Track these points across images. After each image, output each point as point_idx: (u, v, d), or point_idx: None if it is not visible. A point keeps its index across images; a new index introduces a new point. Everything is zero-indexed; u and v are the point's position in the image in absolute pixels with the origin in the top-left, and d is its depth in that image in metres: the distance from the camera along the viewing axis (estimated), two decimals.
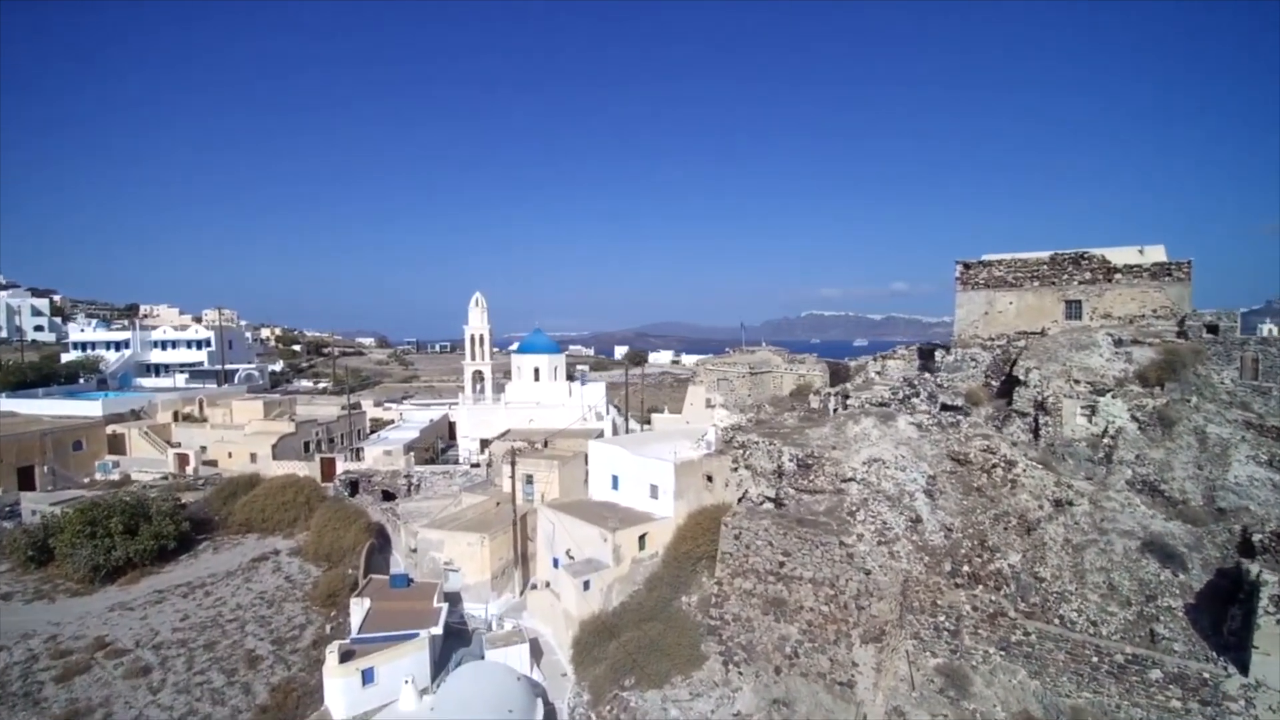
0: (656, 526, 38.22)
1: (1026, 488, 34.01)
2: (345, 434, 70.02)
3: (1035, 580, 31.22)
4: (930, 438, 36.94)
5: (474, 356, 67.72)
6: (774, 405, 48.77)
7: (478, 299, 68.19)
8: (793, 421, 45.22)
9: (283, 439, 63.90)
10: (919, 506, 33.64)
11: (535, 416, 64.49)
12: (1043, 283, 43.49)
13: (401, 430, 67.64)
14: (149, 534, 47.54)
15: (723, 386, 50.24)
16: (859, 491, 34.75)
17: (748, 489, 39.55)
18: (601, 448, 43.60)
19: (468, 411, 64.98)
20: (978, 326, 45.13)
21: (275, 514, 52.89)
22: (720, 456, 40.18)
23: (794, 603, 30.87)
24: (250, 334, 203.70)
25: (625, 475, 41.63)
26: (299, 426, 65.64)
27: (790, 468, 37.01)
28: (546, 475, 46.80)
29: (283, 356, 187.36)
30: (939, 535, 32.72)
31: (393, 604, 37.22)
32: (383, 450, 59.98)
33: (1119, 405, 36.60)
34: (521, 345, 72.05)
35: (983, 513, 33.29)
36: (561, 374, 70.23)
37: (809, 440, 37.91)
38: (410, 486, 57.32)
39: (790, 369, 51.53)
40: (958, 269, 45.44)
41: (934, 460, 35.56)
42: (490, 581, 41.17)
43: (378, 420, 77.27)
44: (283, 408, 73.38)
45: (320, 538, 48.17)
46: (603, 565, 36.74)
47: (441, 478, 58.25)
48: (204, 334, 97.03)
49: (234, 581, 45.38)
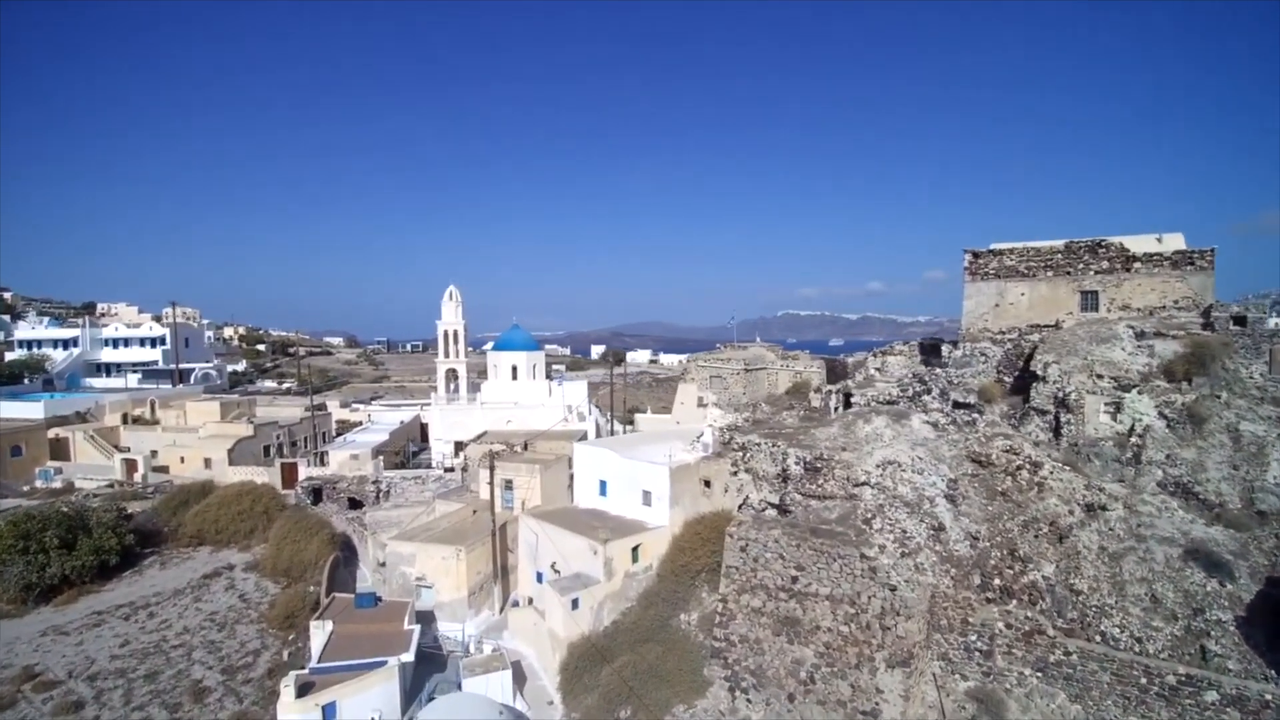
0: (651, 537, 34.93)
1: (1055, 491, 31.37)
2: (309, 437, 65.61)
3: (1071, 593, 28.55)
4: (948, 438, 34.17)
5: (448, 353, 63.80)
6: (770, 404, 45.79)
7: (452, 292, 64.31)
8: (793, 421, 42.24)
9: (240, 443, 59.38)
10: (940, 513, 30.78)
11: (513, 417, 60.83)
12: (1057, 273, 41.05)
13: (370, 433, 63.45)
14: (88, 548, 43.10)
15: (715, 384, 47.16)
16: (873, 497, 31.79)
17: (749, 494, 36.46)
18: (588, 451, 40.18)
19: (441, 412, 61.06)
20: (987, 319, 42.57)
21: (230, 525, 48.58)
22: (719, 459, 37.02)
23: (809, 622, 27.77)
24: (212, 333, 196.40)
25: (615, 480, 38.27)
26: (258, 429, 61.12)
27: (796, 471, 33.97)
28: (528, 481, 43.25)
29: (246, 356, 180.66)
30: (964, 544, 29.88)
31: (358, 627, 33.42)
32: (349, 454, 55.86)
33: (1145, 402, 34.18)
34: (498, 342, 68.28)
35: (1010, 519, 30.55)
36: (541, 372, 66.66)
37: (816, 441, 34.91)
38: (379, 493, 53.31)
39: (786, 366, 48.64)
40: (966, 258, 42.85)
41: (953, 462, 32.77)
42: (467, 598, 37.52)
43: (344, 422, 72.86)
44: (241, 409, 68.67)
45: (279, 551, 44.04)
46: (592, 580, 33.33)
47: (413, 484, 54.32)
48: (158, 331, 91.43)
49: (182, 601, 41.14)
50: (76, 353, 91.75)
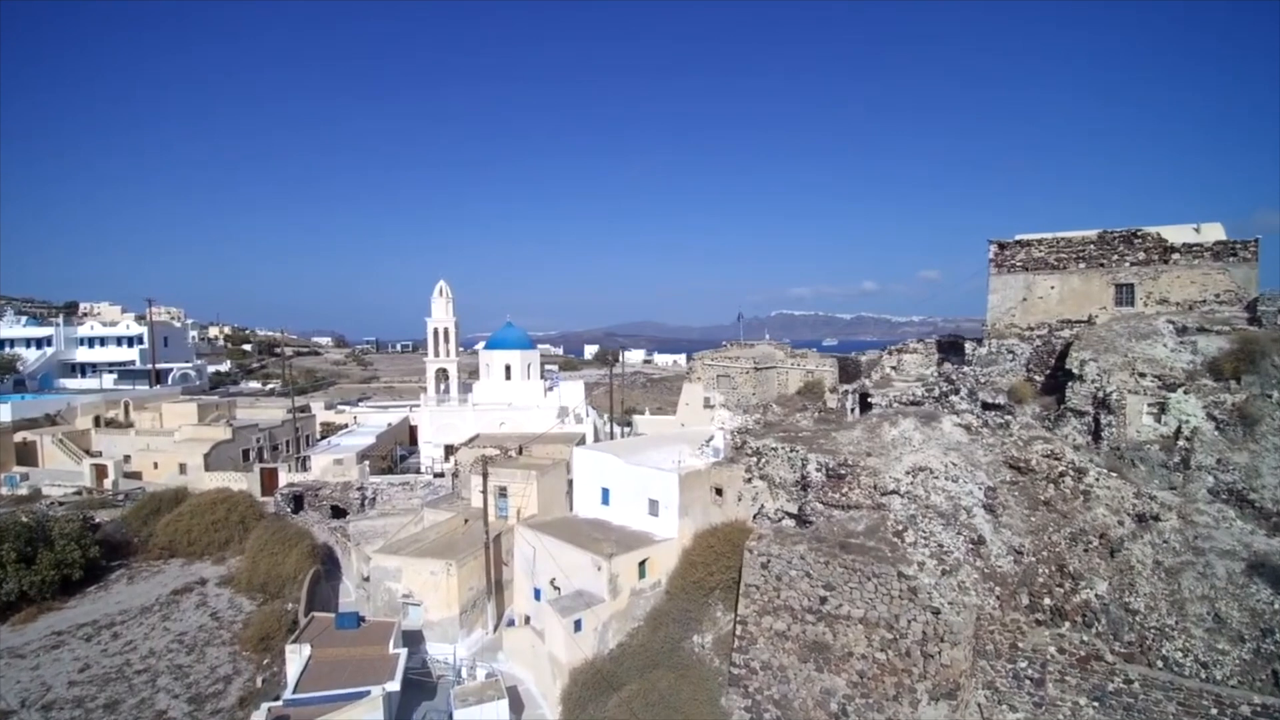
0: (659, 550, 32.10)
1: (1102, 500, 28.74)
2: (291, 440, 62.40)
3: (1127, 613, 25.91)
4: (982, 441, 31.49)
5: (438, 352, 60.69)
6: (782, 405, 43.09)
7: (442, 288, 61.21)
8: (808, 424, 39.51)
9: (217, 447, 56.17)
10: (979, 524, 28.11)
11: (507, 419, 57.83)
12: (1089, 264, 38.49)
13: (355, 436, 60.32)
14: (49, 562, 39.96)
15: (723, 384, 44.42)
16: (904, 506, 29.10)
17: (764, 503, 33.69)
18: (589, 456, 37.29)
19: (431, 414, 58.01)
20: (1014, 314, 39.96)
21: (203, 535, 45.42)
22: (731, 466, 34.24)
23: (840, 648, 25.01)
24: (196, 333, 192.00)
25: (618, 488, 35.42)
26: (237, 432, 57.89)
27: (817, 478, 31.21)
28: (523, 488, 40.34)
29: (232, 356, 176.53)
30: (1008, 559, 27.21)
31: (339, 651, 30.42)
32: (332, 459, 52.76)
33: (1192, 402, 31.60)
34: (491, 340, 65.23)
35: (1056, 531, 27.89)
36: (535, 372, 63.68)
37: (838, 446, 32.18)
38: (364, 501, 50.22)
39: (796, 365, 45.95)
40: (991, 249, 40.24)
41: (990, 468, 30.10)
42: (458, 617, 34.57)
43: (329, 424, 69.63)
44: (220, 411, 65.38)
45: (255, 564, 40.95)
46: (596, 599, 30.45)
47: (400, 490, 51.26)
48: (135, 330, 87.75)
49: (149, 620, 38.01)
50: (50, 352, 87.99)
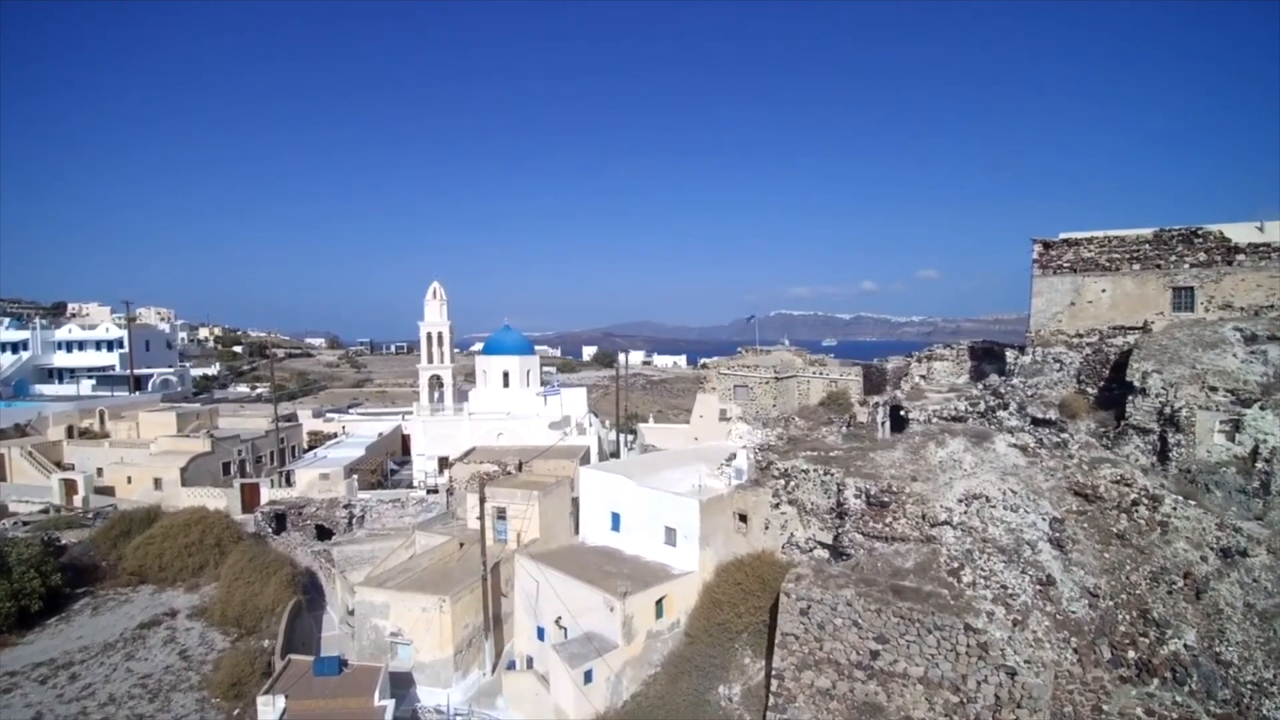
0: (677, 586, 28.66)
1: (1181, 533, 25.42)
2: (276, 451, 58.74)
3: (1219, 666, 22.57)
4: (1041, 464, 28.13)
5: (431, 358, 57.14)
6: (804, 417, 39.73)
7: (436, 289, 57.66)
8: (836, 440, 36.12)
9: (195, 460, 52.49)
10: (1047, 562, 24.75)
11: (505, 430, 54.37)
12: (1144, 265, 35.16)
13: (343, 447, 56.73)
14: (4, 593, 36.38)
15: (740, 394, 41.07)
16: (958, 540, 25.74)
17: (793, 532, 30.31)
18: (597, 477, 33.83)
19: (424, 424, 54.48)
20: (1061, 320, 36.62)
21: (176, 560, 41.76)
22: (756, 489, 30.82)
23: (896, 711, 21.63)
24: (185, 334, 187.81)
25: (630, 514, 31.99)
26: (217, 444, 54.22)
27: (856, 506, 27.80)
28: (524, 509, 36.85)
29: (222, 358, 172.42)
30: (1082, 604, 23.86)
31: (318, 703, 26.88)
32: (318, 474, 49.18)
33: (1270, 419, 28.28)
34: (488, 345, 61.75)
35: (1133, 569, 24.55)
36: (535, 378, 60.18)
37: (878, 469, 28.79)
38: (351, 519, 46.69)
39: (819, 373, 42.59)
40: (1035, 249, 36.90)
41: (1053, 496, 26.73)
42: (453, 658, 31.06)
43: (317, 434, 65.93)
44: (201, 420, 61.67)
45: (230, 595, 37.36)
46: (608, 643, 26.99)
47: (391, 507, 47.73)
48: (115, 333, 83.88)
49: (111, 658, 34.39)
50: (25, 357, 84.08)
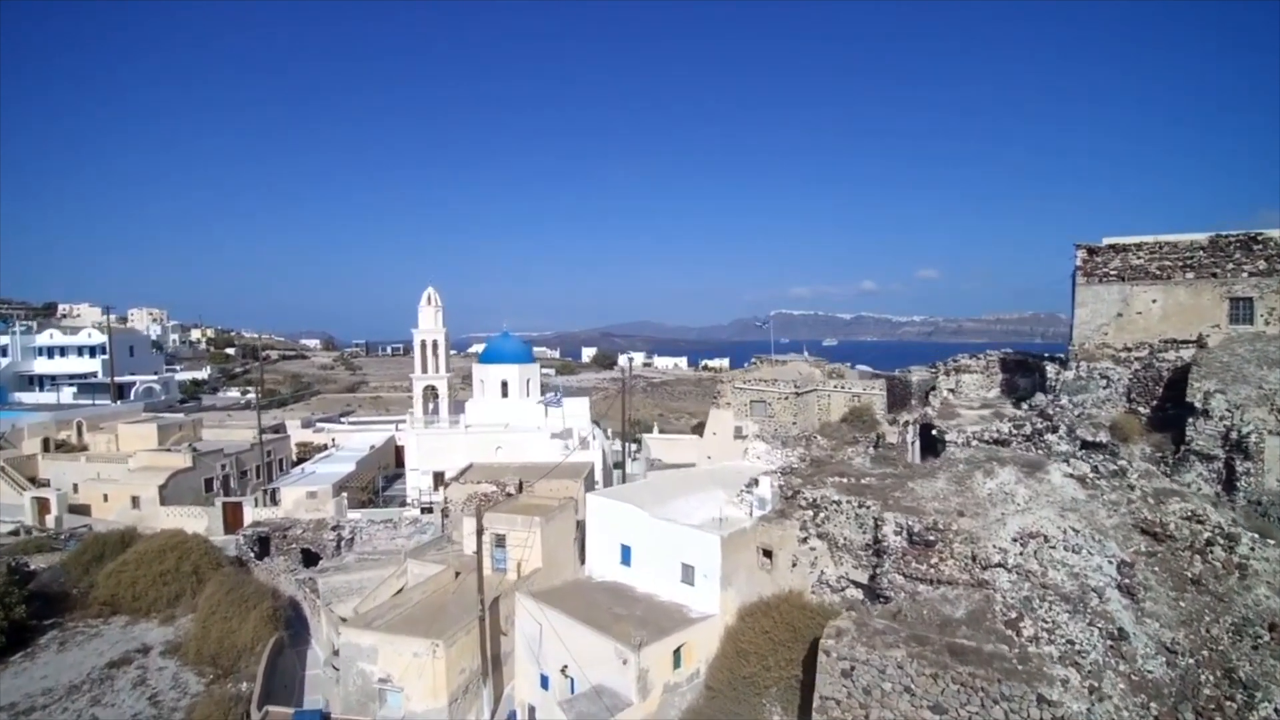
0: (697, 632, 25.84)
1: (1262, 577, 22.67)
2: (262, 465, 55.84)
3: None
4: (1102, 498, 25.32)
5: (426, 367, 54.20)
6: (827, 436, 36.95)
7: (430, 295, 54.73)
8: (863, 462, 33.33)
9: (175, 477, 49.57)
10: (1116, 612, 21.96)
11: (504, 443, 51.45)
12: (1198, 274, 32.39)
13: (333, 461, 53.80)
14: None
15: (757, 410, 38.27)
16: (1014, 585, 22.96)
17: (824, 569, 27.49)
18: (605, 506, 30.96)
19: (418, 437, 51.55)
20: (1107, 332, 33.84)
21: (150, 589, 38.81)
22: (782, 522, 27.99)
23: None
24: (177, 335, 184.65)
25: (643, 547, 29.15)
26: (198, 459, 51.28)
27: (897, 544, 25.00)
28: (524, 536, 34.07)
29: (214, 360, 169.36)
30: (1158, 662, 21.05)
31: None
32: (305, 491, 46.31)
33: None
34: (486, 352, 58.80)
35: (1213, 621, 21.75)
36: (535, 387, 57.27)
37: (920, 501, 25.98)
38: (340, 542, 43.83)
39: (840, 387, 39.77)
40: (1078, 256, 34.12)
41: (1118, 535, 23.94)
42: (447, 707, 28.22)
43: (306, 445, 62.97)
44: (184, 432, 58.70)
45: (206, 631, 34.45)
46: (620, 700, 24.16)
47: (383, 528, 44.89)
48: (97, 339, 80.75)
49: (76, 703, 31.49)
50: (5, 363, 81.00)
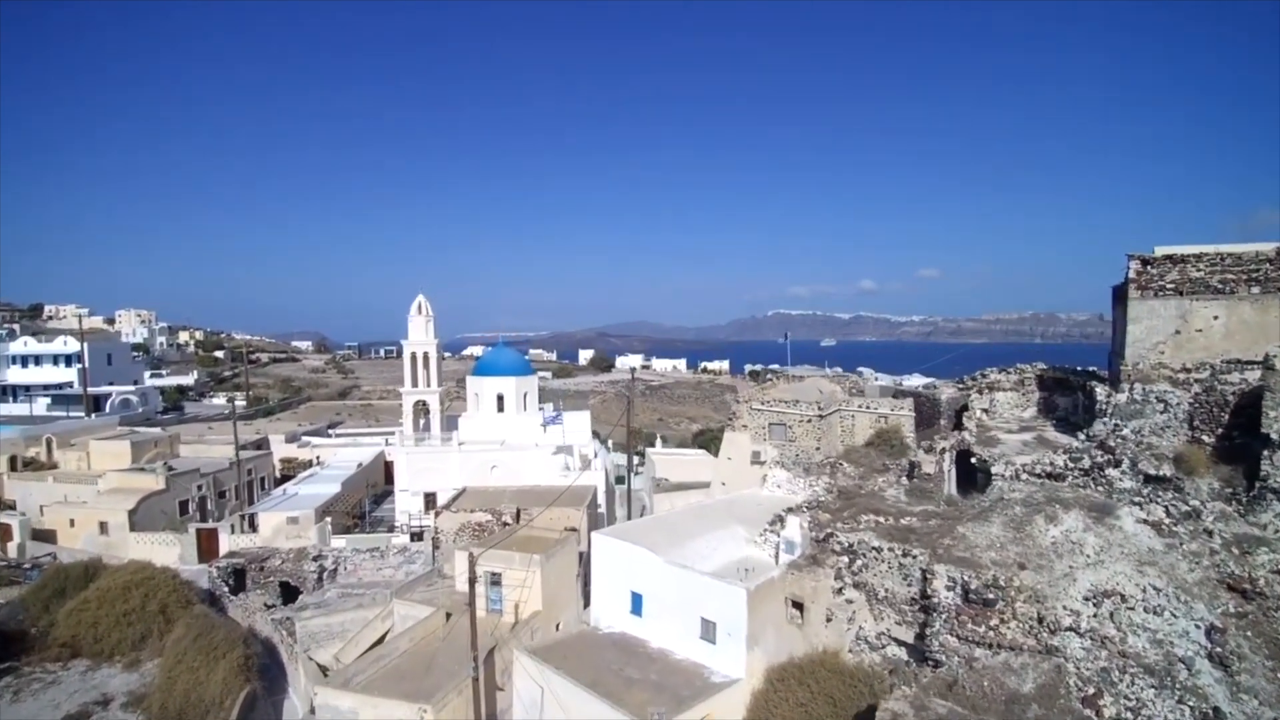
0: (722, 701, 22.75)
1: None
2: (241, 485, 52.54)
3: None
4: (1182, 548, 22.32)
5: (416, 381, 50.96)
6: (852, 461, 33.90)
7: (421, 304, 51.50)
8: (897, 494, 30.28)
9: (147, 500, 46.31)
10: (1208, 687, 18.94)
11: (499, 462, 48.33)
12: (1265, 288, 29.38)
13: (317, 481, 50.49)
14: None
15: (776, 434, 35.23)
16: (1088, 654, 19.92)
17: (862, 624, 24.44)
18: (614, 548, 27.80)
19: (408, 456, 48.35)
20: (1163, 351, 30.83)
21: (113, 630, 35.57)
22: (814, 570, 24.91)
23: None
24: (165, 338, 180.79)
25: (656, 597, 26.06)
26: (172, 481, 47.95)
27: (949, 600, 21.95)
28: (523, 577, 31.02)
29: (202, 364, 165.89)
30: None
31: None
32: (285, 517, 43.10)
33: None
34: (480, 364, 55.69)
35: None
36: (533, 401, 54.13)
37: (973, 549, 22.92)
38: (322, 573, 40.61)
39: (866, 408, 36.68)
40: (1132, 267, 31.09)
41: (1204, 593, 20.95)
42: None
43: (290, 461, 59.74)
44: (159, 449, 55.27)
45: (171, 681, 31.17)
46: None
47: (369, 557, 41.69)
48: (73, 347, 77.04)
49: None
50: None
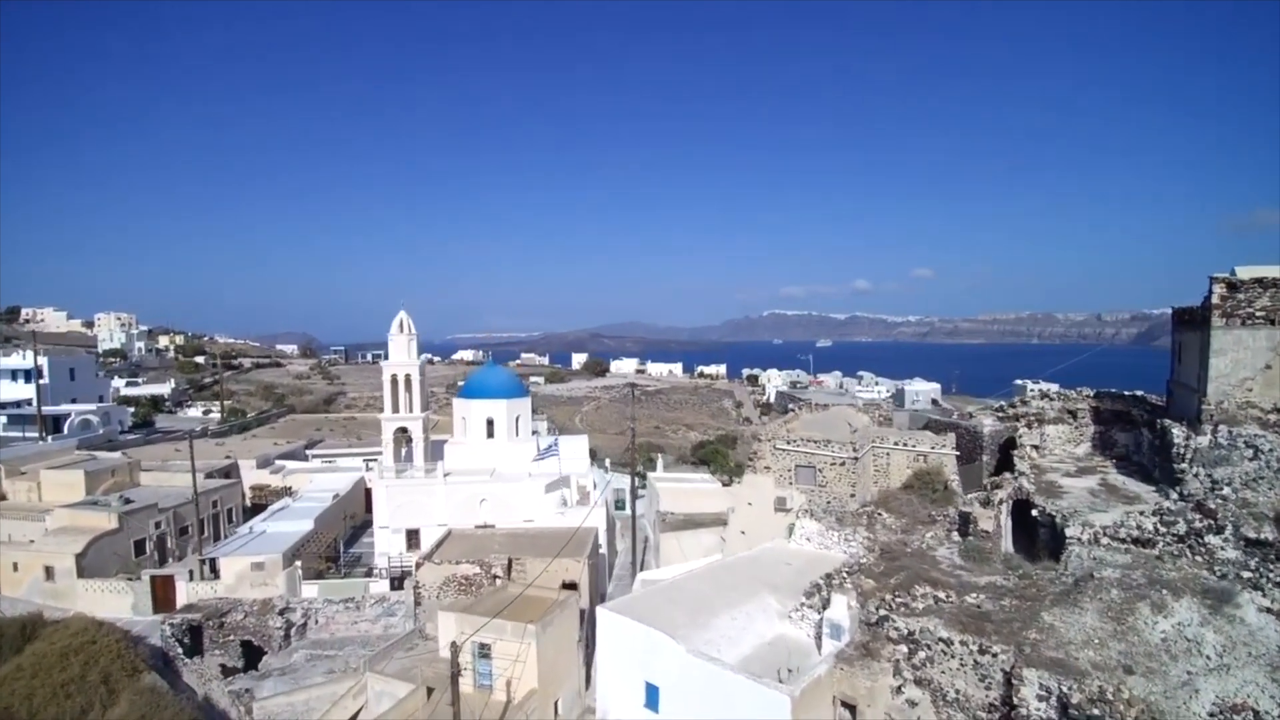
0: None
1: None
2: (207, 519, 47.95)
3: None
4: None
5: (397, 406, 46.44)
6: (891, 510, 29.81)
7: (403, 321, 47.01)
8: (948, 555, 26.19)
9: (98, 541, 41.69)
10: None
11: (490, 495, 43.97)
12: None
13: (288, 517, 45.87)
14: None
15: (803, 476, 31.07)
16: None
17: None
18: (624, 628, 23.51)
19: (388, 489, 43.88)
20: (1251, 388, 26.87)
21: (50, 703, 30.86)
22: (868, 664, 20.78)
23: None
24: (144, 343, 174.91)
25: (676, 691, 21.86)
26: (126, 519, 43.27)
27: (1042, 713, 17.87)
28: (516, 649, 26.81)
29: (182, 370, 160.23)
30: None
31: None
32: (250, 562, 38.60)
33: None
34: (468, 385, 51.27)
35: None
36: (526, 424, 49.79)
37: (1063, 644, 18.82)
38: (289, 629, 36.23)
39: (904, 444, 32.49)
40: (1216, 292, 27.09)
41: None
42: None
43: (261, 489, 55.03)
44: (117, 479, 50.44)
45: None
46: None
47: (343, 609, 37.37)
48: (31, 362, 71.82)
49: None
50: None
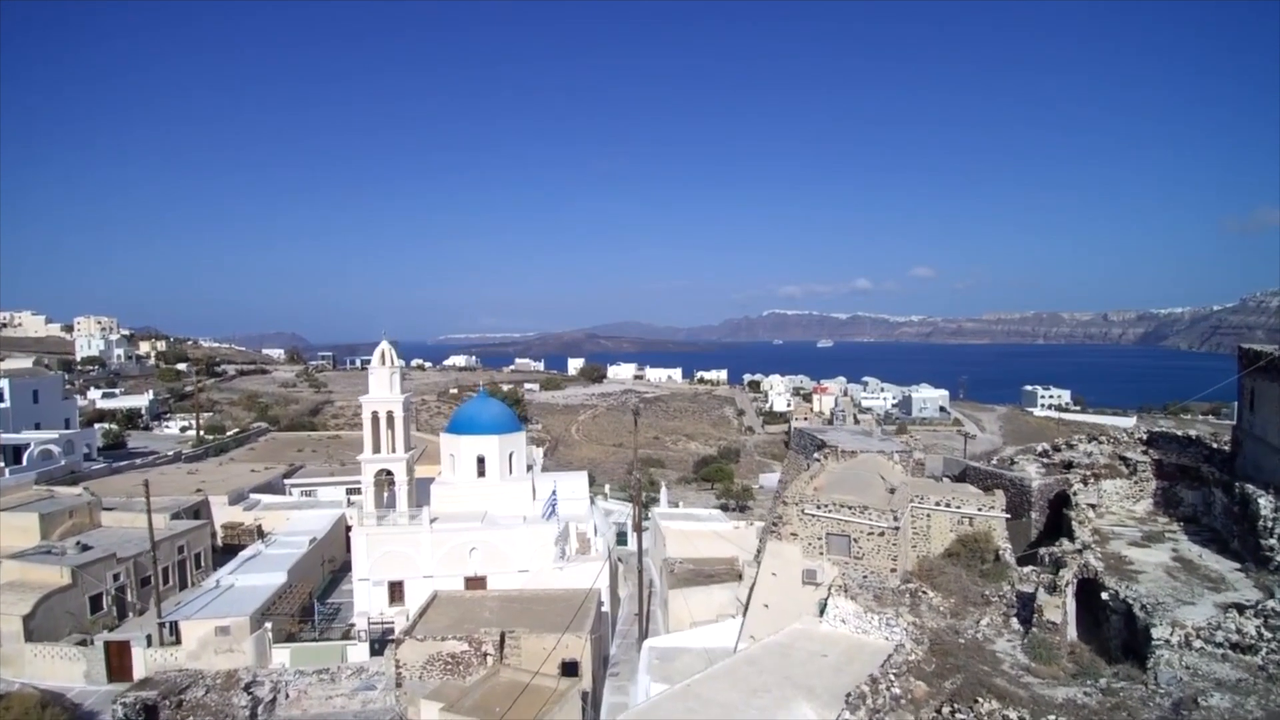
0: None
1: None
2: (172, 567, 44.02)
3: None
4: None
5: (378, 446, 42.49)
6: (936, 586, 26.22)
7: (385, 353, 43.08)
8: (1009, 648, 22.61)
9: (49, 599, 37.74)
10: None
11: (480, 544, 40.21)
12: None
13: (259, 568, 41.81)
14: None
15: (835, 546, 27.33)
16: None
17: None
18: None
19: (369, 539, 39.98)
20: None
21: None
22: None
23: None
24: (123, 350, 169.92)
25: None
26: (80, 573, 39.21)
27: None
28: None
29: (163, 378, 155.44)
30: None
31: None
32: (214, 627, 34.77)
33: None
34: (456, 419, 47.45)
35: None
36: (520, 460, 46.00)
37: None
38: (256, 707, 32.36)
39: (947, 504, 28.76)
40: None
41: None
42: None
43: (233, 529, 51.04)
44: (75, 520, 46.43)
45: None
46: None
47: (316, 682, 33.54)
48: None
49: None
50: None
